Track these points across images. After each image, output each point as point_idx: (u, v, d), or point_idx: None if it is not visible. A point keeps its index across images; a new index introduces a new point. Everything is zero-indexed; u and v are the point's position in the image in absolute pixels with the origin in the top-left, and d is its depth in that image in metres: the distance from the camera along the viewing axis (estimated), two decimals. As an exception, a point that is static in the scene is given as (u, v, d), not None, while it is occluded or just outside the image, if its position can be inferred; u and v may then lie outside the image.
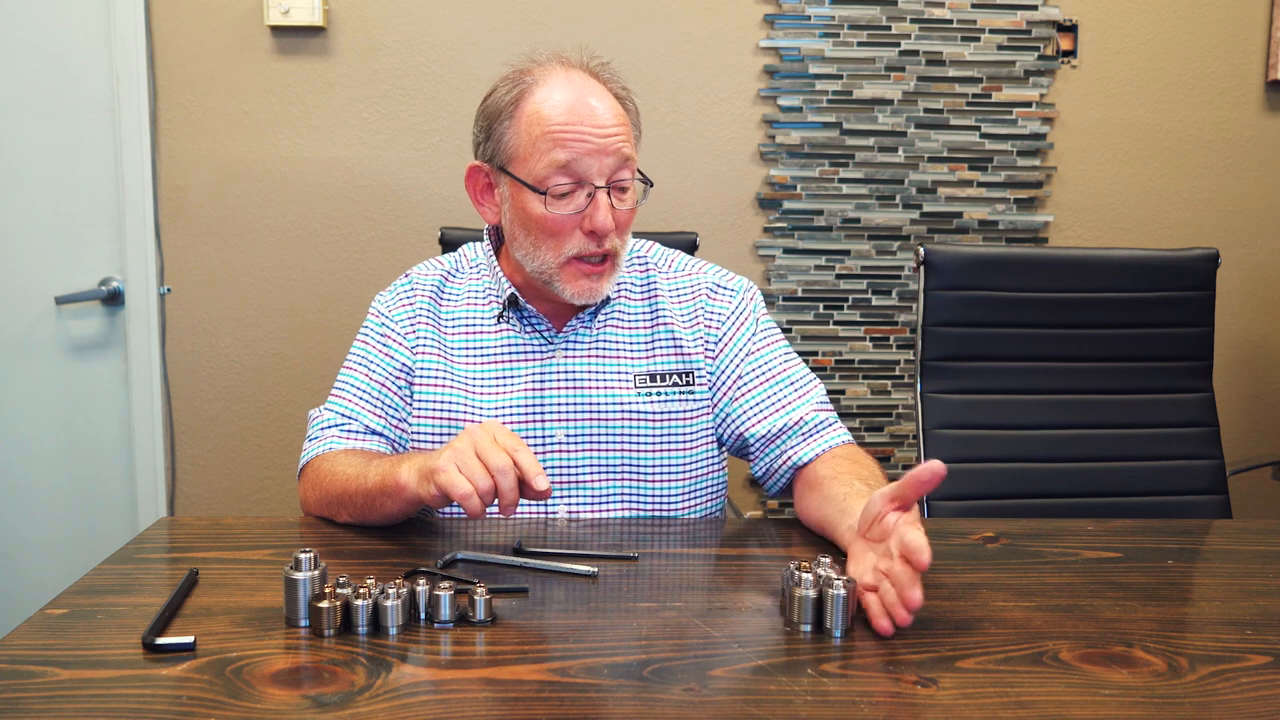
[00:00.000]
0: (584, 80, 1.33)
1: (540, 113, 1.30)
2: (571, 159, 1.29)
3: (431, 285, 1.44)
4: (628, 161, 1.32)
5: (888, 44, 2.44)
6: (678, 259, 1.49)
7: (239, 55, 2.38)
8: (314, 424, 1.40)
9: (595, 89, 1.33)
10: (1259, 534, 1.36)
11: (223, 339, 2.46)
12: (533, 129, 1.30)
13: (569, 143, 1.28)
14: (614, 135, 1.30)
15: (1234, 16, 2.49)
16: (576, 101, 1.30)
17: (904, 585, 0.94)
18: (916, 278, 1.92)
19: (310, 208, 2.43)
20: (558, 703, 0.83)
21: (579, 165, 1.29)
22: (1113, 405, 1.93)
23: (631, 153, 1.33)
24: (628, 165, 1.33)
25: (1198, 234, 2.53)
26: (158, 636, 0.92)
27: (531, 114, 1.31)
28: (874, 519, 1.03)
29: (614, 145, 1.30)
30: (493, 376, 1.39)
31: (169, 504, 2.47)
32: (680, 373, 1.41)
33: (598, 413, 1.38)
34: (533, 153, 1.30)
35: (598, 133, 1.29)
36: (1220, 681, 0.89)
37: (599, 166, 1.30)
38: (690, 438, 1.41)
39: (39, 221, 2.33)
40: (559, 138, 1.29)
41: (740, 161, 2.47)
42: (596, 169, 1.30)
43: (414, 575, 1.02)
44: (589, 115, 1.30)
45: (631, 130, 1.36)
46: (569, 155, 1.28)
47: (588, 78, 1.34)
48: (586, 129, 1.29)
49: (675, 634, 0.97)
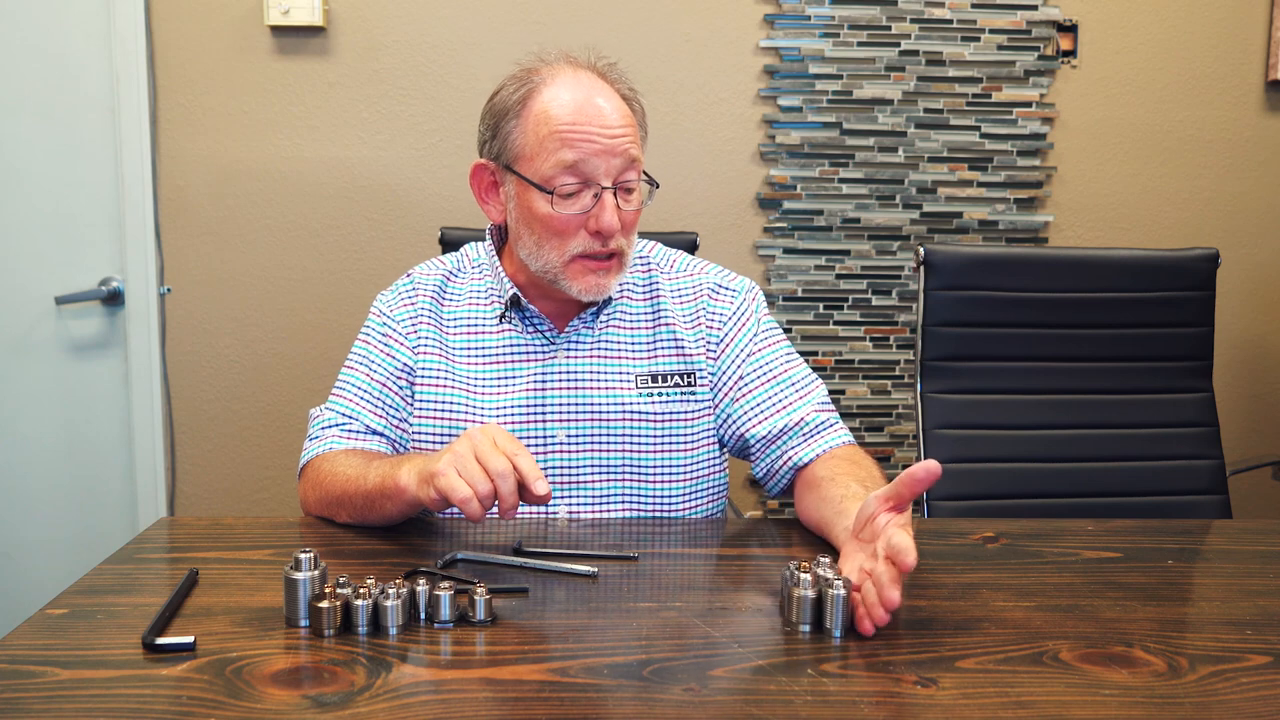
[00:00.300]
0: (592, 80, 1.33)
1: (548, 112, 1.30)
2: (579, 159, 1.28)
3: (433, 285, 1.44)
4: (634, 163, 1.32)
5: (888, 44, 2.44)
6: (680, 259, 1.49)
7: (239, 55, 2.38)
8: (314, 423, 1.40)
9: (603, 89, 1.33)
10: (1259, 534, 1.36)
11: (223, 339, 2.46)
12: (540, 128, 1.30)
13: (576, 143, 1.28)
14: (621, 136, 1.30)
15: (1234, 16, 2.49)
16: (584, 102, 1.30)
17: (883, 586, 0.94)
18: (916, 278, 1.92)
19: (310, 208, 2.43)
20: (558, 703, 0.83)
21: (586, 165, 1.29)
22: (1113, 405, 1.93)
23: (638, 154, 1.33)
24: (634, 166, 1.33)
25: (1198, 234, 2.53)
26: (158, 636, 0.92)
27: (539, 113, 1.31)
28: (867, 519, 1.03)
29: (621, 146, 1.30)
30: (494, 377, 1.39)
31: (169, 504, 2.47)
32: (682, 373, 1.41)
33: (599, 413, 1.38)
34: (539, 152, 1.30)
35: (605, 133, 1.29)
36: (1220, 681, 0.89)
37: (606, 167, 1.30)
38: (691, 438, 1.41)
39: (39, 221, 2.33)
40: (566, 137, 1.28)
41: (740, 161, 2.47)
42: (603, 169, 1.30)
43: (414, 575, 1.02)
44: (596, 115, 1.29)
45: (638, 131, 1.36)
46: (576, 155, 1.28)
47: (595, 78, 1.34)
48: (594, 129, 1.29)
49: (675, 634, 0.97)
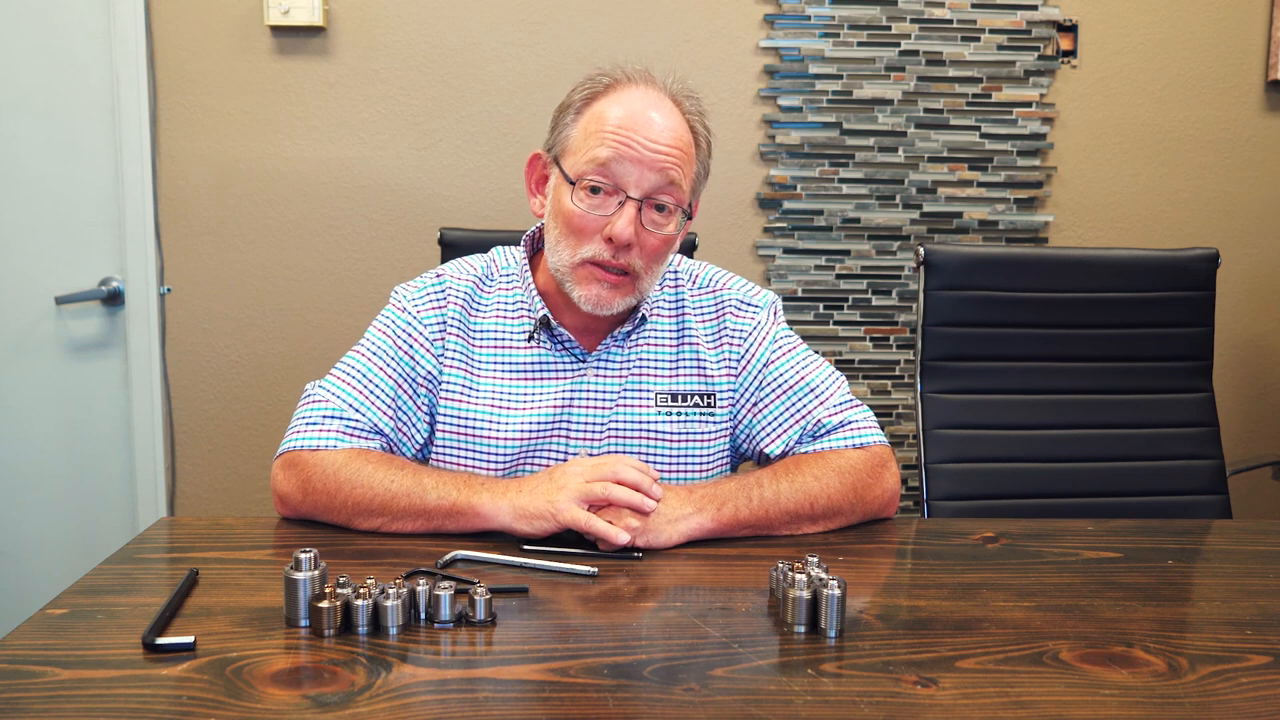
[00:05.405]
0: (659, 98, 1.32)
1: (603, 114, 1.30)
2: (611, 158, 1.27)
3: (464, 292, 1.40)
4: (672, 185, 1.29)
5: (888, 44, 2.44)
6: (703, 273, 1.46)
7: (239, 55, 2.38)
8: (313, 406, 1.32)
9: (665, 108, 1.31)
10: (1259, 534, 1.36)
11: (223, 339, 2.46)
12: (590, 126, 1.30)
13: (614, 144, 1.27)
14: (664, 154, 1.28)
15: (1234, 16, 2.49)
16: (639, 111, 1.29)
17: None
18: (916, 278, 1.92)
19: (310, 208, 2.43)
20: (558, 703, 0.83)
21: (617, 167, 1.27)
22: (1113, 405, 1.93)
23: (678, 178, 1.30)
24: (670, 190, 1.30)
25: (1198, 234, 2.53)
26: (158, 636, 0.92)
27: (596, 114, 1.31)
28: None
29: (661, 163, 1.28)
30: (520, 392, 1.37)
31: (169, 504, 2.47)
32: (702, 394, 1.40)
33: (619, 432, 1.37)
34: (582, 147, 1.30)
35: (647, 144, 1.28)
36: (1220, 681, 0.89)
37: (638, 177, 1.28)
38: (707, 459, 1.40)
39: (39, 221, 2.33)
40: (607, 137, 1.28)
41: (740, 161, 2.47)
42: (634, 179, 1.28)
43: (414, 575, 1.02)
44: (645, 126, 1.28)
45: (691, 162, 1.33)
46: (610, 154, 1.27)
47: (663, 97, 1.33)
48: (638, 137, 1.27)
49: (675, 634, 0.97)
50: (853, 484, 1.31)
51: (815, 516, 1.29)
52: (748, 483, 1.27)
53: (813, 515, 1.28)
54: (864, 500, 1.32)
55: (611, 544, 1.16)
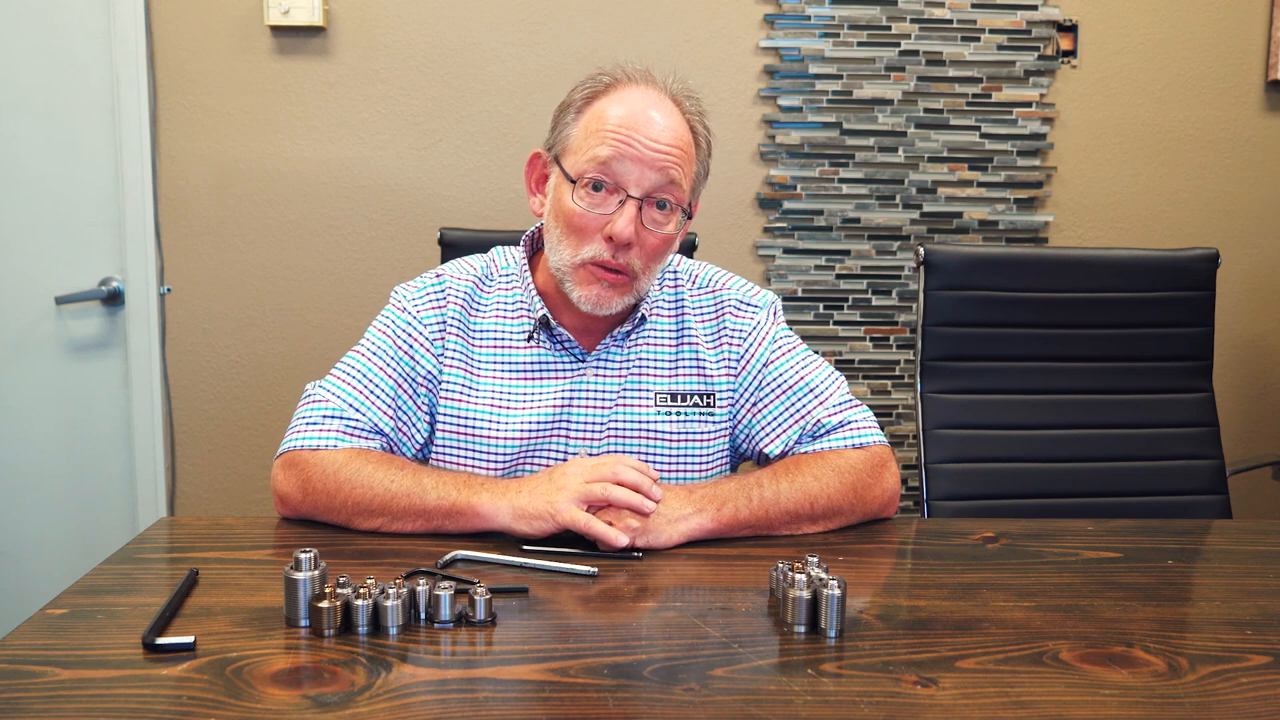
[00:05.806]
0: (659, 98, 1.32)
1: (604, 113, 1.30)
2: (612, 157, 1.27)
3: (464, 292, 1.40)
4: (672, 184, 1.30)
5: (888, 44, 2.44)
6: (703, 273, 1.46)
7: (239, 55, 2.38)
8: (313, 406, 1.32)
9: (666, 108, 1.32)
10: (1259, 534, 1.36)
11: (223, 339, 2.46)
12: (590, 125, 1.30)
13: (615, 143, 1.27)
14: (665, 153, 1.29)
15: (1234, 16, 2.49)
16: (640, 111, 1.29)
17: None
18: (916, 278, 1.92)
19: (310, 208, 2.43)
20: (558, 703, 0.83)
21: (617, 166, 1.28)
22: (1113, 405, 1.93)
23: (679, 177, 1.30)
24: (670, 189, 1.30)
25: (1198, 234, 2.53)
26: (158, 636, 0.92)
27: (596, 113, 1.31)
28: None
29: (661, 162, 1.28)
30: (519, 392, 1.37)
31: (169, 504, 2.47)
32: (701, 394, 1.40)
33: (618, 431, 1.37)
34: (582, 146, 1.30)
35: (648, 144, 1.28)
36: (1220, 681, 0.89)
37: (638, 176, 1.28)
38: (706, 459, 1.41)
39: (39, 221, 2.33)
40: (608, 136, 1.28)
41: (740, 161, 2.47)
42: (635, 178, 1.28)
43: (414, 575, 1.02)
44: (645, 125, 1.28)
45: (691, 162, 1.34)
46: (610, 153, 1.27)
47: (664, 97, 1.33)
48: (639, 136, 1.28)
49: (675, 634, 0.97)
50: (853, 484, 1.31)
51: (815, 516, 1.29)
52: (747, 483, 1.28)
53: (813, 515, 1.28)
54: (864, 500, 1.32)
55: (610, 546, 1.16)
